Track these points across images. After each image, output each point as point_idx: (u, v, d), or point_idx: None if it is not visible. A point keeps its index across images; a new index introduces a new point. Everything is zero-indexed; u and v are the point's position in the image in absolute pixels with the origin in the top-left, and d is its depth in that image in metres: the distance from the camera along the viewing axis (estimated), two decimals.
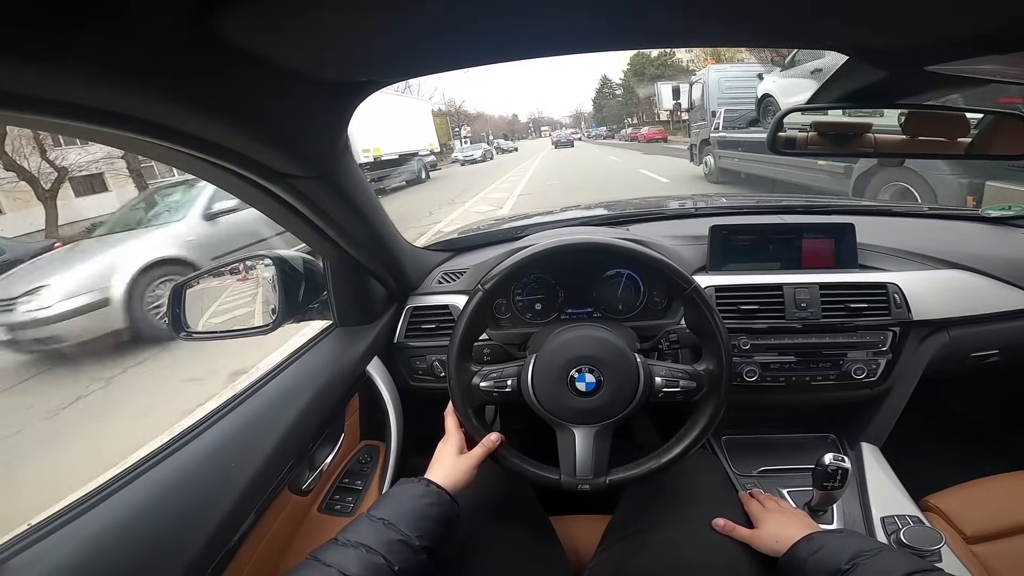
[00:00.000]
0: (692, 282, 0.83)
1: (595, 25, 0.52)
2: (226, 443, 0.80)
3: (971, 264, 1.16)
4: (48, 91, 0.37)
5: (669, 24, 0.52)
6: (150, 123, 0.45)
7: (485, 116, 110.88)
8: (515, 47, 0.55)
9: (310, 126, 0.64)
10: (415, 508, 0.70)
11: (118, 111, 0.42)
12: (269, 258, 1.05)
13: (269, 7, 0.38)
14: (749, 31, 0.57)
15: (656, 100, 31.13)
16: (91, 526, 0.62)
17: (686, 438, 0.83)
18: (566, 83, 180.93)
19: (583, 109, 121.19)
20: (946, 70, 0.60)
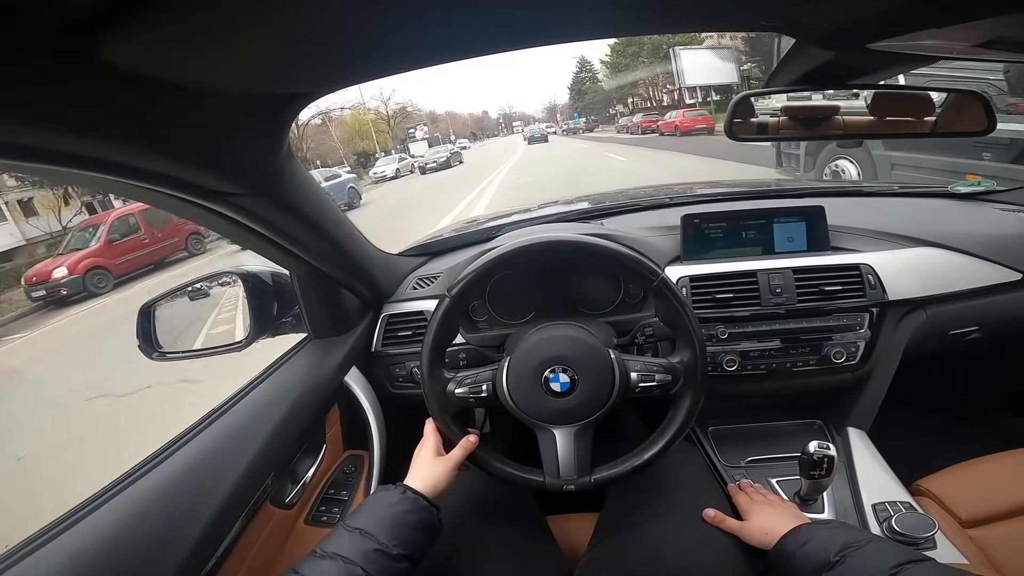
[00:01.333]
0: (659, 273, 0.83)
1: (522, 20, 0.51)
2: (199, 461, 0.79)
3: (944, 241, 1.15)
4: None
5: (600, 14, 0.52)
6: (64, 154, 0.44)
7: (455, 115, 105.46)
8: (450, 47, 0.55)
9: (240, 143, 0.62)
10: (391, 516, 0.69)
11: (29, 145, 0.41)
12: (236, 275, 1.04)
13: (159, 29, 0.37)
14: (689, 13, 0.56)
15: (678, 75, 28.40)
16: (65, 549, 0.62)
17: (668, 432, 0.83)
18: (537, 76, 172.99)
19: (557, 101, 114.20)
20: (889, 47, 0.60)
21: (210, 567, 0.71)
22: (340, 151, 43.91)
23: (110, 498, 0.70)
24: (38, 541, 0.62)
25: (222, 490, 0.75)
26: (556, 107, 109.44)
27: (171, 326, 1.03)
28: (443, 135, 74.89)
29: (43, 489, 2.81)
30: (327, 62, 0.52)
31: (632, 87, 51.84)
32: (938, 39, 0.55)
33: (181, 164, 0.56)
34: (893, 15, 0.50)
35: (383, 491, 0.74)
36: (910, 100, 0.88)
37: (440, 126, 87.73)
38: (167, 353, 1.03)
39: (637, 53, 45.50)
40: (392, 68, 0.56)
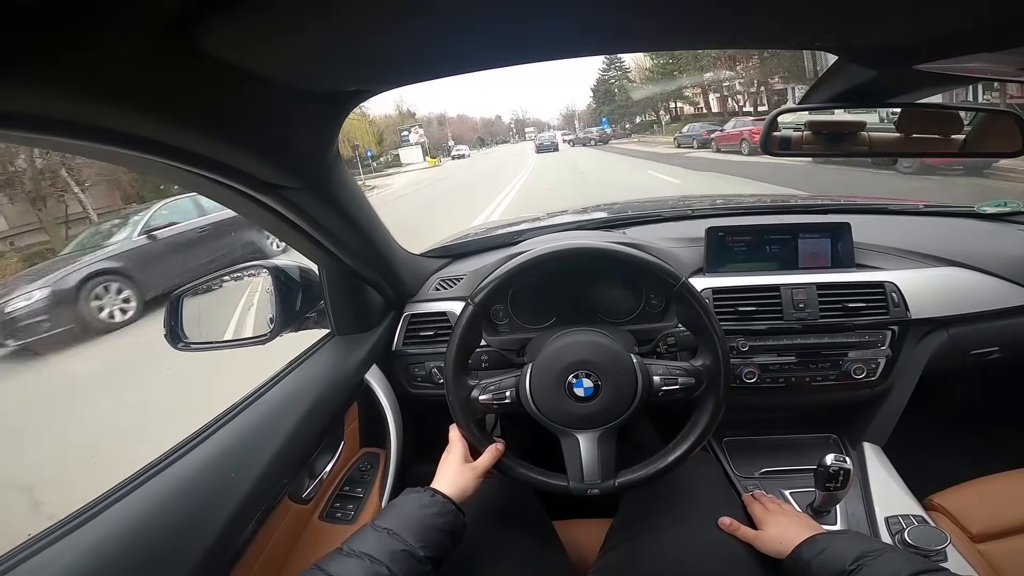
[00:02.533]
0: (680, 278, 0.83)
1: (584, 29, 0.52)
2: (225, 453, 0.80)
3: (968, 261, 1.15)
4: (32, 107, 0.36)
5: (653, 29, 0.53)
6: (135, 137, 0.45)
7: (465, 118, 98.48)
8: (503, 54, 0.56)
9: (299, 137, 0.64)
10: (420, 518, 0.70)
11: (102, 126, 0.42)
12: (265, 268, 1.05)
13: (254, 20, 0.38)
14: (740, 33, 0.57)
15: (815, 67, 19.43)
16: (91, 537, 0.62)
17: (691, 436, 0.83)
18: (555, 80, 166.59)
19: (576, 106, 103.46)
20: (935, 68, 0.60)
21: (230, 559, 0.72)
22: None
23: (136, 487, 0.71)
24: (64, 528, 0.63)
25: (245, 483, 0.76)
26: (574, 113, 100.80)
27: (198, 317, 1.04)
28: (442, 140, 66.59)
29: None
30: (389, 61, 0.54)
31: (675, 91, 39.65)
32: (987, 62, 0.55)
33: (245, 155, 0.57)
34: (947, 38, 0.51)
35: (412, 493, 0.75)
36: (938, 118, 0.88)
37: (435, 129, 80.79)
38: (191, 344, 1.03)
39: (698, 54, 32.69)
40: (448, 70, 0.58)
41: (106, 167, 12.25)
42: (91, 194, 13.94)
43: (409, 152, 39.25)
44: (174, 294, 1.02)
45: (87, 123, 0.41)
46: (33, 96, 0.35)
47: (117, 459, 2.37)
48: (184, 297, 1.03)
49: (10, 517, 1.31)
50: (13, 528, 1.00)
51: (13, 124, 0.37)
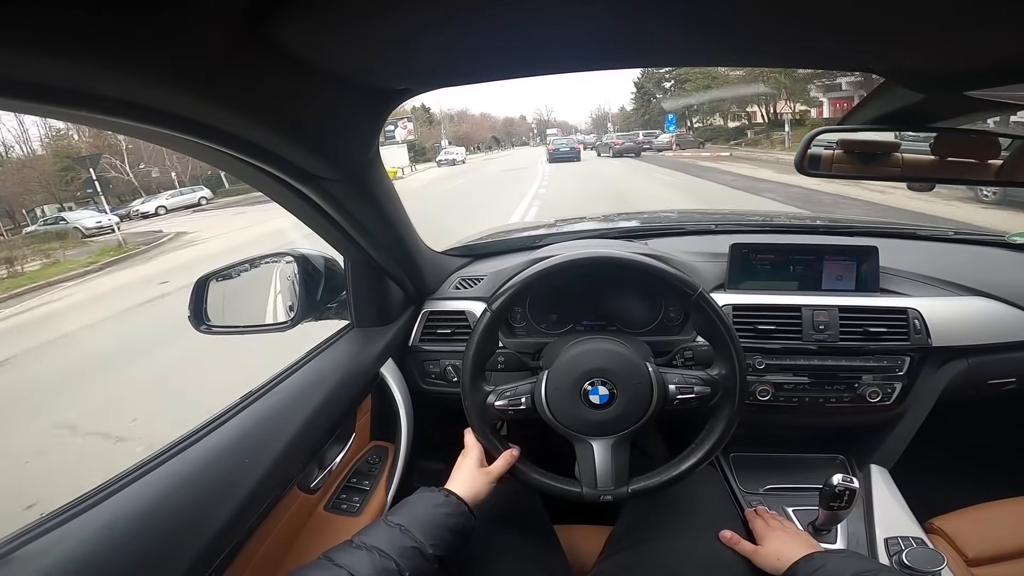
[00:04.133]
0: (697, 287, 0.83)
1: (633, 41, 0.52)
2: (241, 439, 0.81)
3: (994, 292, 1.14)
4: (98, 87, 0.37)
5: (710, 44, 0.53)
6: (194, 122, 0.46)
7: (487, 116, 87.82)
8: (541, 62, 0.57)
9: (346, 131, 0.64)
10: (433, 517, 0.71)
11: (166, 110, 0.43)
12: (291, 256, 1.06)
13: (326, 15, 0.39)
14: (790, 53, 0.57)
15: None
16: (102, 518, 0.63)
17: (704, 445, 0.84)
18: (588, 83, 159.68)
19: (609, 107, 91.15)
20: (986, 95, 0.60)
21: (236, 544, 0.72)
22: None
23: (151, 469, 0.72)
24: (80, 507, 0.64)
25: (258, 470, 0.76)
26: (607, 115, 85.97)
27: (222, 301, 1.05)
28: (435, 139, 53.62)
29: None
30: (440, 62, 0.54)
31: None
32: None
33: (294, 145, 0.58)
34: (1002, 66, 0.50)
35: (427, 492, 0.76)
36: (975, 142, 0.85)
37: (448, 126, 70.95)
38: (214, 327, 1.05)
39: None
40: (493, 74, 0.58)
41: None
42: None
43: (392, 153, 28.27)
44: (200, 278, 1.04)
45: (145, 104, 0.41)
46: (99, 77, 0.36)
47: None
48: (210, 281, 1.04)
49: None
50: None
51: (81, 105, 0.37)
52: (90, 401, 3.81)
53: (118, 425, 3.25)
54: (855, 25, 0.45)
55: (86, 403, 3.76)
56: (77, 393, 4.01)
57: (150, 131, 0.47)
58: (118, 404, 3.65)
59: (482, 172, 23.66)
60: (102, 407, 3.69)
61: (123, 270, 10.42)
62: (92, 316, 6.60)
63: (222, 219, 16.01)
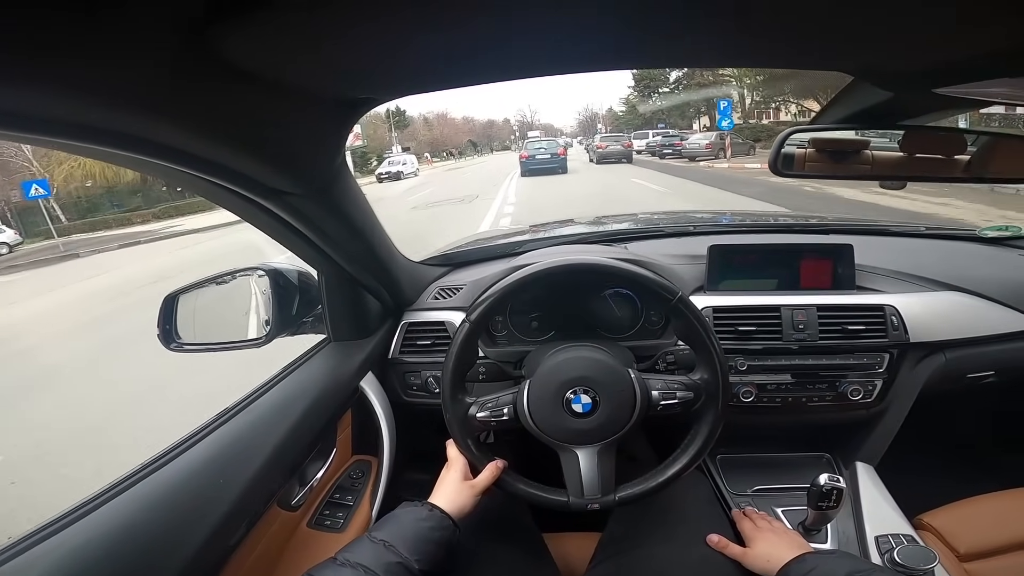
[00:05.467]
0: (677, 292, 0.83)
1: (598, 45, 0.51)
2: (215, 458, 0.79)
3: (968, 286, 1.16)
4: (42, 109, 0.36)
5: (677, 46, 0.53)
6: (143, 141, 0.44)
7: (449, 119, 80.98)
8: (511, 66, 0.55)
9: (307, 143, 0.63)
10: (417, 531, 0.71)
11: (109, 128, 0.41)
12: (263, 270, 1.04)
13: (270, 26, 0.38)
14: (759, 52, 0.57)
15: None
16: (72, 541, 0.61)
17: (689, 450, 0.83)
18: (573, 85, 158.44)
19: (593, 109, 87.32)
20: (954, 92, 0.60)
21: (215, 565, 0.71)
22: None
23: (121, 492, 0.69)
24: (44, 533, 0.61)
25: (234, 489, 0.75)
26: (597, 116, 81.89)
27: (193, 317, 1.02)
28: (386, 145, 46.71)
29: None
30: (403, 69, 0.53)
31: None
32: (1008, 87, 0.55)
33: (252, 160, 0.57)
34: (970, 62, 0.51)
35: (410, 506, 0.75)
36: (942, 138, 0.86)
37: (420, 130, 67.87)
38: (184, 344, 1.02)
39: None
40: (460, 80, 0.57)
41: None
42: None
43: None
44: (168, 295, 1.01)
45: (94, 125, 0.40)
46: (45, 98, 0.35)
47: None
48: (180, 297, 1.02)
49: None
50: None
51: (23, 126, 0.37)
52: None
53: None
54: (823, 25, 0.45)
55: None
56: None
57: (96, 151, 0.45)
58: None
59: (446, 189, 16.83)
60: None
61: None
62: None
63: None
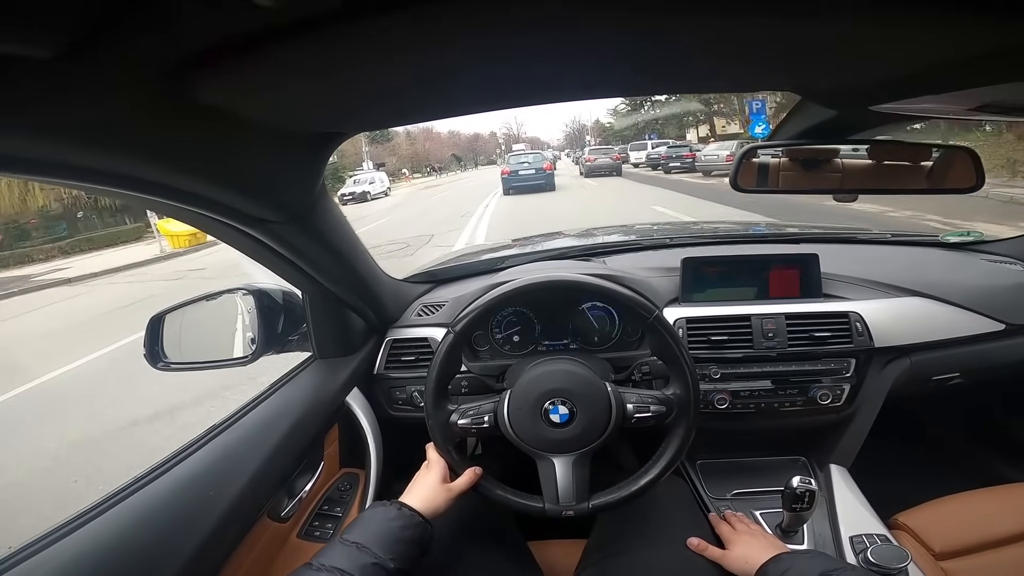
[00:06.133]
0: (653, 311, 0.87)
1: (558, 77, 0.54)
2: (204, 473, 0.81)
3: (930, 291, 1.20)
4: (23, 148, 0.38)
5: (625, 77, 0.55)
6: (128, 177, 0.47)
7: (434, 134, 77.90)
8: (497, 98, 0.58)
9: (284, 175, 0.65)
10: (388, 531, 0.71)
11: (92, 167, 0.43)
12: (247, 290, 1.06)
13: (246, 68, 0.40)
14: (698, 78, 0.60)
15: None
16: (61, 557, 0.62)
17: (661, 460, 0.86)
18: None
19: (580, 120, 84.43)
20: (890, 109, 0.64)
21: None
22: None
23: (111, 507, 0.71)
24: (35, 547, 0.63)
25: (223, 503, 0.76)
26: (585, 128, 78.22)
27: (179, 337, 1.04)
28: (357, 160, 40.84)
29: None
30: (370, 107, 0.56)
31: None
32: (936, 103, 0.59)
33: (234, 193, 0.59)
34: (895, 83, 0.54)
35: (379, 507, 0.76)
36: (907, 146, 0.90)
37: (403, 144, 63.75)
38: (172, 364, 1.03)
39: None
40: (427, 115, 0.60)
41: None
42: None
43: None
44: (154, 316, 1.02)
45: (72, 164, 0.42)
46: (23, 140, 0.37)
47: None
48: (166, 317, 1.03)
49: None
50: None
51: (9, 166, 0.39)
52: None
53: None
54: (760, 48, 0.48)
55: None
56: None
57: (80, 186, 0.47)
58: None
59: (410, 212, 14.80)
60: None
61: None
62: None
63: None
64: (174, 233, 13.73)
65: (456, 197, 18.17)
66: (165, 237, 13.98)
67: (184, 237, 13.77)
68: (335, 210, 0.85)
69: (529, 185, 16.04)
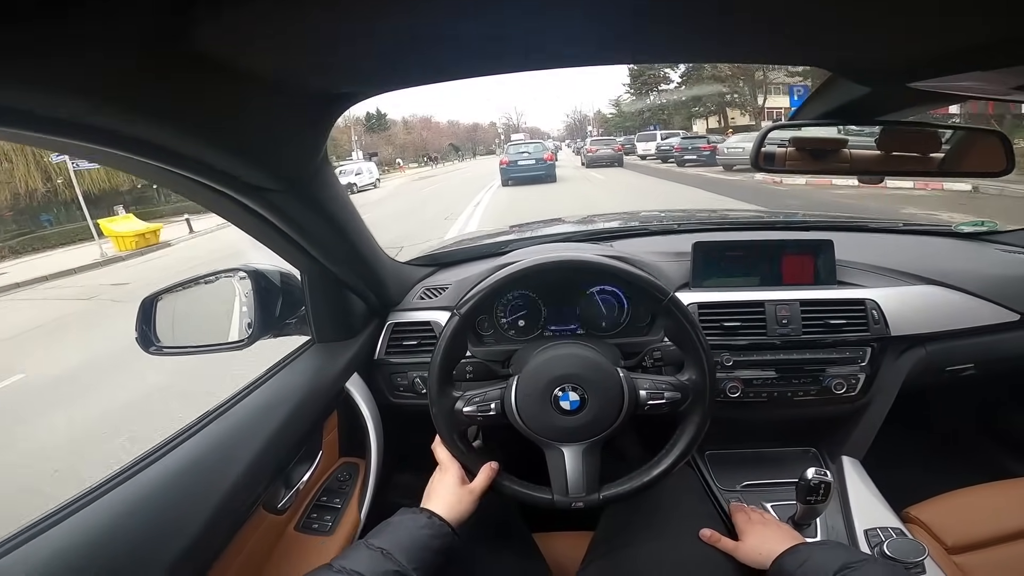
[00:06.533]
0: (668, 293, 0.84)
1: (581, 39, 0.52)
2: (198, 461, 0.77)
3: (946, 280, 1.18)
4: (15, 101, 0.35)
5: (658, 40, 0.53)
6: (118, 135, 0.44)
7: (433, 123, 76.60)
8: (501, 60, 0.56)
9: (288, 139, 0.63)
10: (415, 539, 0.70)
11: (89, 123, 0.41)
12: (244, 272, 1.02)
13: (248, 17, 0.37)
14: (739, 47, 0.58)
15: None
16: (49, 547, 0.59)
17: (675, 450, 0.84)
18: (562, 87, 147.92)
19: (582, 111, 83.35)
20: (928, 86, 0.61)
21: (200, 570, 0.69)
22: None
23: (101, 495, 0.68)
24: (22, 537, 0.60)
25: (218, 492, 0.73)
26: (587, 119, 76.94)
27: (172, 320, 1.01)
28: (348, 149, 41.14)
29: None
30: (381, 64, 0.53)
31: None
32: (980, 81, 0.56)
33: (230, 156, 0.56)
34: (943, 57, 0.52)
35: (408, 513, 0.75)
36: (918, 137, 0.89)
37: (401, 133, 63.23)
38: (164, 348, 1.00)
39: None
40: (440, 76, 0.57)
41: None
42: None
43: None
44: (146, 298, 0.99)
45: (71, 120, 0.39)
46: (17, 92, 0.34)
47: None
48: (158, 300, 1.00)
49: None
50: None
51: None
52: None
53: None
54: (800, 20, 0.46)
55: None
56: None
57: (73, 145, 0.44)
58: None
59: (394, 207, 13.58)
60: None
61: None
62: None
63: None
64: (119, 234, 11.83)
65: (446, 191, 17.05)
66: (109, 239, 11.98)
67: (130, 239, 11.79)
68: (336, 183, 0.82)
69: (529, 176, 15.53)
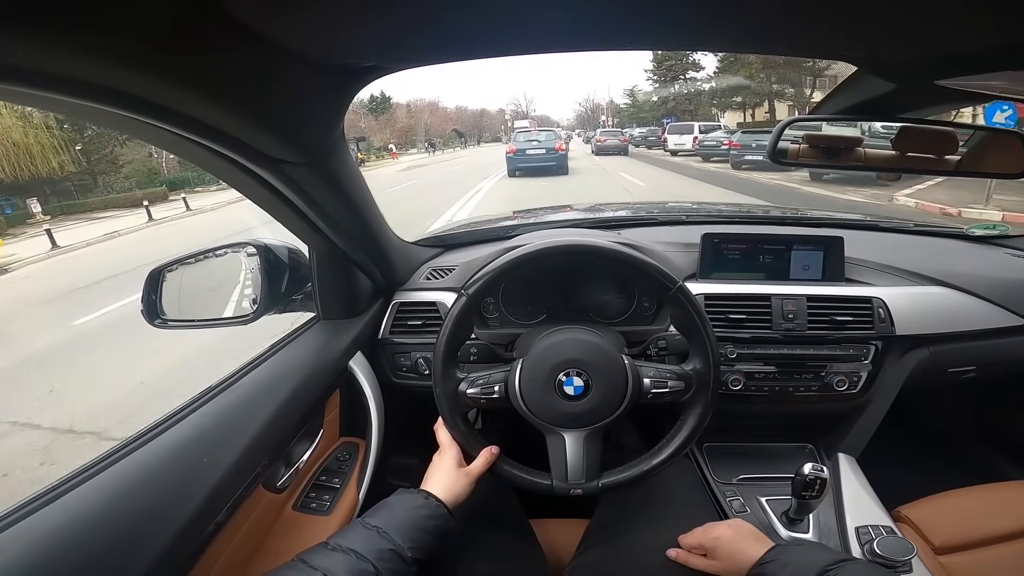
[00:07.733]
0: (677, 281, 0.83)
1: (611, 22, 0.51)
2: (199, 437, 0.77)
3: (954, 282, 1.18)
4: (41, 63, 0.35)
5: (688, 27, 0.52)
6: (144, 101, 0.43)
7: (438, 107, 75.67)
8: (528, 39, 0.54)
9: (308, 111, 0.62)
10: (412, 519, 0.70)
11: (112, 87, 0.40)
12: (253, 246, 1.02)
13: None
14: (768, 39, 0.57)
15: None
16: (48, 523, 0.59)
17: (676, 439, 0.84)
18: (573, 76, 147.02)
19: (595, 99, 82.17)
20: (955, 84, 0.60)
21: (197, 548, 0.69)
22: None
23: (103, 469, 0.67)
24: (21, 512, 0.60)
25: (218, 469, 0.73)
26: (600, 108, 74.80)
27: (178, 293, 1.00)
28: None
29: None
30: (410, 37, 0.52)
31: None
32: (1009, 80, 0.55)
33: (249, 125, 0.55)
34: (974, 55, 0.51)
35: (405, 494, 0.75)
36: (934, 137, 0.87)
37: (403, 118, 62.37)
38: (169, 321, 1.00)
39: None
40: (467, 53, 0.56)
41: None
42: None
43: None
44: (153, 270, 0.98)
45: (95, 83, 0.39)
46: (42, 52, 0.34)
47: None
48: (165, 273, 0.99)
49: None
50: None
51: (22, 81, 0.35)
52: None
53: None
54: (830, 12, 0.45)
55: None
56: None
57: (95, 109, 0.43)
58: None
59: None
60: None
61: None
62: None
63: None
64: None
65: (431, 187, 15.02)
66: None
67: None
68: (351, 159, 0.81)
69: (538, 167, 14.39)
